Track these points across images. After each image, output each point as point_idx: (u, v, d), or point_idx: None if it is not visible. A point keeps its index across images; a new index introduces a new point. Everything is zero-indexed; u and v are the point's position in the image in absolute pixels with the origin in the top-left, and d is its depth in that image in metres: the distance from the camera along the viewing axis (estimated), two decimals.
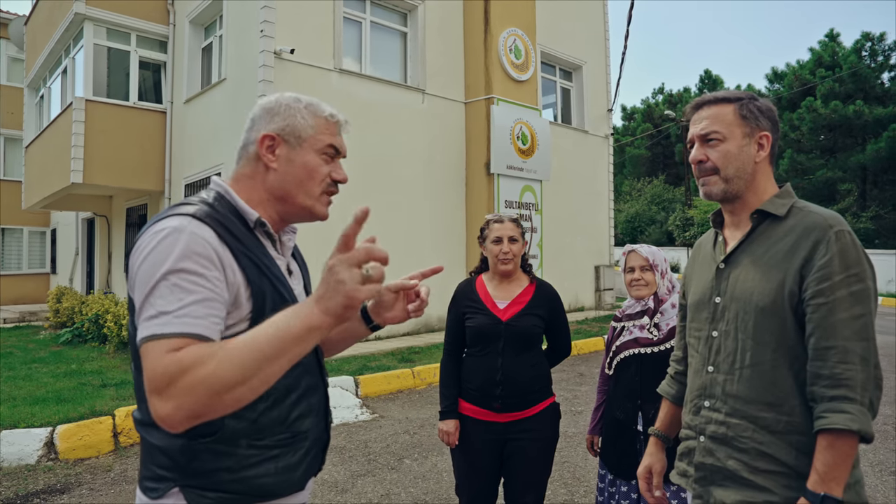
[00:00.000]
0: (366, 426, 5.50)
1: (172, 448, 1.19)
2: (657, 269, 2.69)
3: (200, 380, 0.99)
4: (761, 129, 1.58)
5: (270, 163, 1.34)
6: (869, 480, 4.19)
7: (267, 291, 1.26)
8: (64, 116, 11.36)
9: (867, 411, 1.35)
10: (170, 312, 1.07)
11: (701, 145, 1.61)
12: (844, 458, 1.33)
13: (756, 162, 1.58)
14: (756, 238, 1.57)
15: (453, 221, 11.21)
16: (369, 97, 10.02)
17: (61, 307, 12.65)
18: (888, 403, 6.12)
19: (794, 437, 1.44)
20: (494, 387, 2.55)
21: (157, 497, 1.20)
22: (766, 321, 1.48)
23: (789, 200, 1.56)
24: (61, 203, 14.12)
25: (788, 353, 1.46)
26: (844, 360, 1.36)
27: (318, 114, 1.37)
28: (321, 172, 1.37)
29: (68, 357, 8.58)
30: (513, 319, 2.60)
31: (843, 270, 1.39)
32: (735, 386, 1.53)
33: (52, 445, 4.66)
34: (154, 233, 1.16)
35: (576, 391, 6.60)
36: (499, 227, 2.66)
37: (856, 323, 1.37)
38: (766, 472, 1.46)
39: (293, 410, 1.30)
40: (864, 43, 25.90)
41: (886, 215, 23.83)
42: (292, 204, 1.36)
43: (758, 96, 1.63)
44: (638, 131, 37.49)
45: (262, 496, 1.25)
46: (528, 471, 2.58)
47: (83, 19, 10.97)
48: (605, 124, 15.05)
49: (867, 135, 24.88)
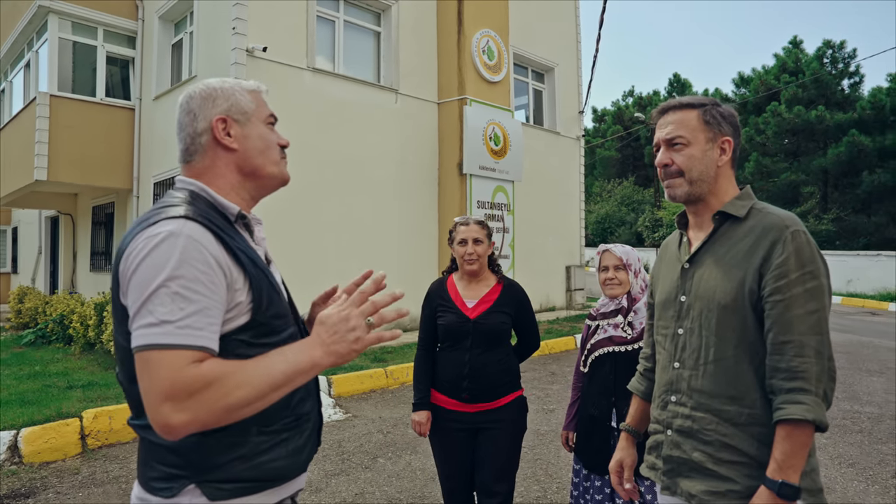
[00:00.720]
0: (339, 426, 5.49)
1: (184, 446, 1.19)
2: (630, 269, 2.75)
3: (220, 397, 1.07)
4: (724, 135, 1.65)
5: (230, 144, 1.36)
6: (829, 472, 4.33)
7: (262, 283, 1.28)
8: (27, 112, 11.08)
9: (822, 402, 1.42)
10: (172, 322, 1.09)
11: (666, 149, 1.67)
12: (801, 446, 1.40)
13: (718, 166, 1.65)
14: (718, 238, 1.63)
15: (426, 221, 11.23)
16: (342, 96, 9.99)
17: (24, 307, 12.34)
18: (847, 399, 6.32)
19: (756, 429, 1.50)
20: (462, 380, 2.69)
21: (170, 496, 1.19)
22: (728, 318, 1.54)
23: (749, 202, 1.63)
24: (24, 200, 13.75)
25: (749, 348, 1.52)
26: (800, 353, 1.42)
27: (248, 88, 1.42)
28: (273, 140, 1.43)
29: (31, 358, 8.36)
30: (480, 318, 2.73)
31: (798, 268, 1.45)
32: (700, 381, 1.59)
33: (15, 449, 4.55)
34: (149, 237, 1.16)
35: (547, 389, 6.67)
36: (464, 229, 2.79)
37: (811, 318, 1.44)
38: (729, 463, 1.52)
39: (295, 395, 1.32)
40: (826, 50, 26.61)
41: (846, 217, 24.52)
42: (262, 175, 1.40)
43: (720, 102, 1.70)
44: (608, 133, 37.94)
45: (276, 479, 1.28)
46: (497, 458, 2.70)
47: (47, 12, 10.72)
48: (577, 126, 15.22)
49: (828, 139, 25.56)
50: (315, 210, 9.40)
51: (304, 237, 9.26)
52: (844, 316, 14.01)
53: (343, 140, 9.90)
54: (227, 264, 1.20)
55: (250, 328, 1.24)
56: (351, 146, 10.01)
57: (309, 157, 9.26)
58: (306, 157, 9.19)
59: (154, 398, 1.06)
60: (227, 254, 1.21)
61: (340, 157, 9.83)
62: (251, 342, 1.24)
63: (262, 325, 1.26)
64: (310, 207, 9.31)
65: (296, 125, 9.06)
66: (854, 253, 19.42)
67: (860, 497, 3.93)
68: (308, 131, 9.33)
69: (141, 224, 1.21)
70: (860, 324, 12.57)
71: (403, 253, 10.72)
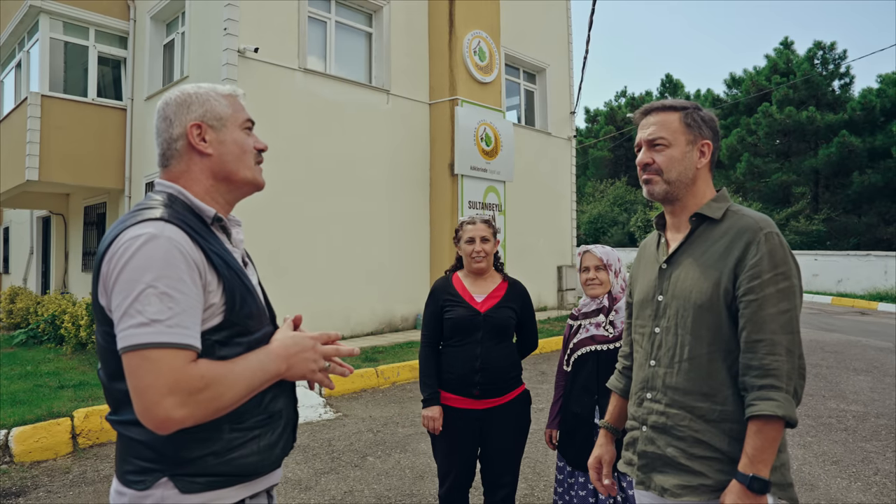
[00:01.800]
0: (329, 425, 5.53)
1: (157, 441, 1.23)
2: (611, 269, 2.81)
3: (215, 397, 1.19)
4: (703, 138, 1.70)
5: (205, 149, 1.39)
6: (812, 469, 4.40)
7: (235, 284, 1.31)
8: (18, 111, 11.06)
9: (792, 399, 1.46)
10: (162, 321, 1.15)
11: (648, 149, 1.72)
12: (771, 441, 1.44)
13: (697, 168, 1.69)
14: (695, 240, 1.68)
15: (417, 222, 11.26)
16: (334, 97, 10.01)
17: (15, 308, 12.29)
18: (833, 398, 6.39)
19: (728, 426, 1.54)
20: (474, 374, 2.73)
21: (144, 488, 1.23)
22: (703, 317, 1.58)
23: (725, 204, 1.67)
24: (15, 201, 13.72)
25: (723, 346, 1.57)
26: (772, 351, 1.47)
27: (224, 93, 1.44)
28: (249, 144, 1.45)
29: (23, 358, 8.35)
30: (490, 311, 2.79)
31: (771, 269, 1.50)
32: (674, 378, 1.63)
33: (6, 448, 4.56)
34: (130, 239, 1.20)
35: (537, 389, 6.72)
36: (472, 227, 2.87)
37: (783, 317, 1.48)
38: (701, 458, 1.56)
39: (267, 393, 1.36)
40: (816, 51, 26.76)
41: (837, 218, 24.66)
42: (236, 181, 1.43)
43: (701, 106, 1.74)
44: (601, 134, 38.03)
45: (248, 475, 1.32)
46: (505, 453, 2.79)
47: (38, 12, 10.70)
48: (568, 126, 15.28)
49: (819, 140, 25.71)
50: (306, 210, 9.43)
51: (295, 238, 9.29)
52: (834, 315, 14.12)
53: (334, 141, 9.92)
54: (202, 266, 1.25)
55: (224, 328, 1.28)
56: (342, 147, 10.04)
57: (300, 157, 9.29)
58: (297, 157, 9.22)
59: (155, 394, 1.12)
60: (202, 255, 1.26)
61: (332, 158, 9.85)
62: (224, 342, 1.28)
63: (235, 325, 1.30)
64: (300, 208, 9.33)
65: (287, 126, 9.08)
66: (844, 253, 19.55)
67: (842, 494, 3.99)
68: (299, 132, 9.35)
69: (120, 225, 1.24)
70: (849, 323, 12.68)
71: (395, 253, 10.75)
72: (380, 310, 10.48)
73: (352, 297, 10.01)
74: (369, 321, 10.33)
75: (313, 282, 9.44)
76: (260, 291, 1.46)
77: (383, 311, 10.53)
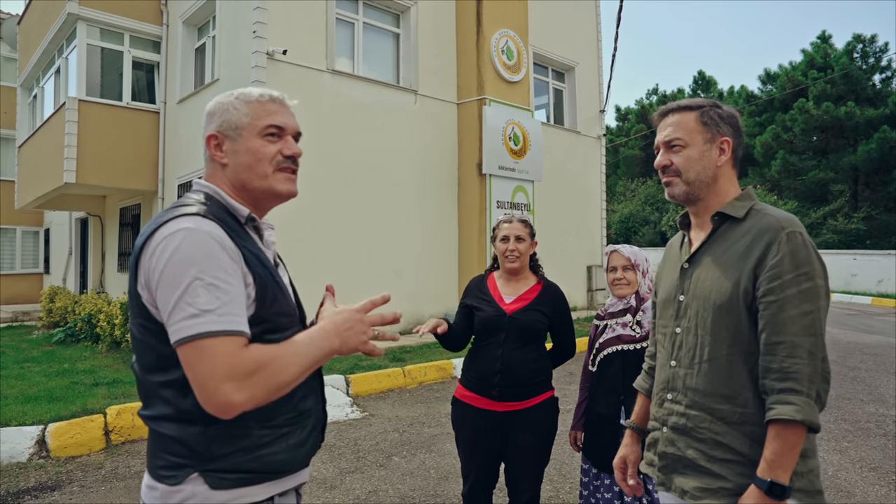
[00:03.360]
0: (356, 424, 5.55)
1: (189, 437, 1.25)
2: (638, 269, 2.76)
3: (271, 376, 1.20)
4: (722, 135, 1.66)
5: (221, 160, 1.42)
6: (848, 475, 4.26)
7: (267, 280, 1.33)
8: (57, 116, 11.36)
9: (813, 403, 1.42)
10: (212, 311, 1.18)
11: (665, 151, 1.70)
12: (791, 446, 1.40)
13: (717, 166, 1.66)
14: (717, 239, 1.64)
15: (446, 222, 11.26)
16: (362, 98, 10.07)
17: (54, 307, 12.66)
18: (872, 402, 6.20)
19: (748, 428, 1.50)
20: (493, 375, 2.68)
21: (175, 483, 1.26)
22: (722, 318, 1.55)
23: (748, 203, 1.63)
24: (54, 203, 14.10)
25: (743, 348, 1.53)
26: (792, 354, 1.42)
27: (249, 100, 1.44)
28: (267, 152, 1.42)
29: (61, 356, 8.59)
30: (516, 313, 2.74)
31: (793, 269, 1.45)
32: (694, 379, 1.61)
33: (43, 443, 4.69)
34: (170, 234, 1.22)
35: (565, 390, 6.66)
36: (507, 226, 2.85)
37: (804, 319, 1.44)
38: (721, 461, 1.53)
39: (297, 391, 1.37)
40: (856, 45, 26.02)
41: (878, 216, 23.94)
42: (252, 189, 1.43)
43: (720, 104, 1.70)
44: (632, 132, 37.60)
45: (277, 472, 1.33)
46: (525, 459, 2.71)
47: (76, 19, 10.98)
48: (598, 125, 15.12)
49: (858, 136, 25.00)
50: (334, 211, 9.50)
51: (324, 238, 9.36)
52: (873, 317, 13.70)
53: (363, 141, 9.98)
54: (239, 259, 1.28)
55: (254, 324, 1.29)
56: (371, 147, 10.09)
57: (328, 158, 9.36)
58: (326, 158, 9.29)
59: (214, 380, 1.15)
60: (238, 251, 1.29)
61: (360, 159, 9.91)
62: (255, 338, 1.29)
63: (266, 321, 1.31)
64: (328, 208, 9.40)
65: (315, 127, 9.16)
66: (885, 252, 18.95)
67: (881, 501, 3.86)
68: (328, 133, 9.42)
69: (158, 221, 1.27)
70: (889, 325, 12.28)
71: (423, 253, 10.77)
72: (408, 309, 10.49)
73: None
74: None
75: (341, 282, 9.49)
76: (291, 291, 1.48)
77: (412, 310, 10.55)
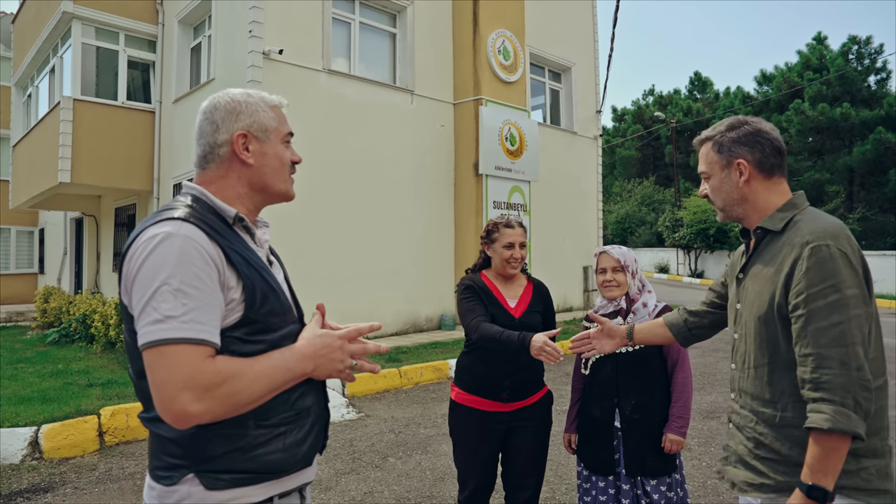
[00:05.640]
0: (351, 425, 5.54)
1: (183, 438, 1.25)
2: (628, 270, 2.75)
3: (233, 393, 1.19)
4: (736, 157, 1.73)
5: (247, 159, 1.41)
6: None
7: (256, 281, 1.33)
8: (52, 115, 11.32)
9: (849, 412, 1.43)
10: (176, 317, 1.16)
11: (703, 182, 1.87)
12: (829, 452, 1.44)
13: (740, 187, 1.73)
14: (760, 252, 1.73)
15: (442, 222, 11.25)
16: (358, 98, 10.05)
17: (49, 307, 12.60)
18: None
19: (789, 431, 1.59)
20: (505, 378, 2.68)
21: (170, 484, 1.26)
22: (762, 328, 1.66)
23: (789, 213, 1.67)
24: (49, 202, 14.05)
25: (780, 358, 1.62)
26: (821, 365, 1.47)
27: (273, 104, 1.46)
28: (287, 158, 1.48)
29: (55, 357, 8.55)
30: (523, 316, 2.76)
31: (819, 282, 1.50)
32: (745, 383, 1.75)
33: (36, 445, 4.66)
34: (147, 239, 1.22)
35: (561, 391, 6.65)
36: (510, 232, 2.79)
37: (833, 331, 1.47)
38: (764, 459, 1.65)
39: (295, 390, 1.37)
40: (851, 46, 26.12)
41: (873, 217, 24.06)
42: (271, 192, 1.47)
43: (733, 125, 1.75)
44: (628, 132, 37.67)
45: (274, 472, 1.32)
46: (530, 455, 2.74)
47: (71, 18, 10.94)
48: (594, 125, 15.14)
49: (854, 137, 25.10)
50: (330, 211, 9.48)
51: (320, 238, 9.34)
52: None
53: (359, 141, 9.96)
54: (221, 263, 1.26)
55: (244, 325, 1.29)
56: (367, 147, 10.07)
57: (325, 158, 9.34)
58: (322, 158, 9.27)
59: (172, 388, 1.14)
60: (221, 253, 1.27)
61: (356, 159, 9.89)
62: (245, 339, 1.29)
63: (256, 322, 1.31)
64: (324, 208, 9.39)
65: (311, 126, 9.14)
66: (881, 253, 19.02)
67: None
68: (324, 132, 9.40)
69: (141, 226, 1.28)
70: (887, 327, 12.32)
71: (419, 253, 10.76)
72: (404, 310, 10.50)
73: (376, 298, 10.03)
74: (394, 321, 10.34)
75: (338, 282, 9.49)
76: (287, 289, 1.47)
77: (408, 311, 10.54)
